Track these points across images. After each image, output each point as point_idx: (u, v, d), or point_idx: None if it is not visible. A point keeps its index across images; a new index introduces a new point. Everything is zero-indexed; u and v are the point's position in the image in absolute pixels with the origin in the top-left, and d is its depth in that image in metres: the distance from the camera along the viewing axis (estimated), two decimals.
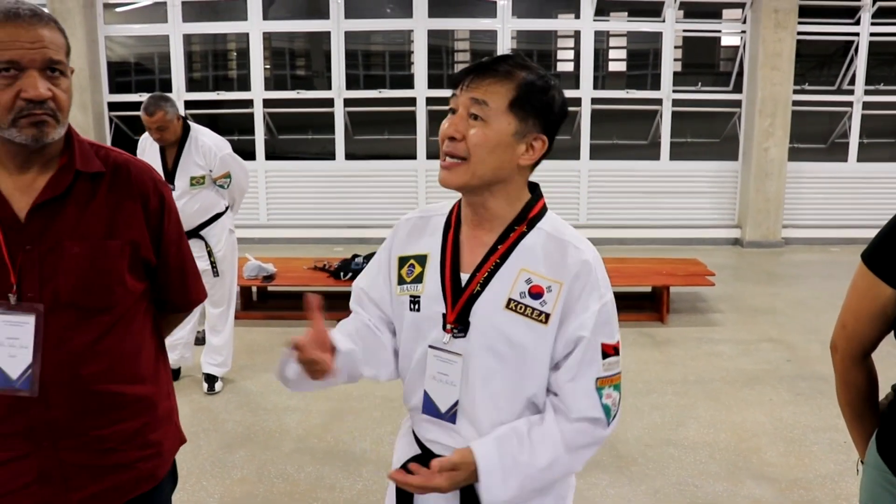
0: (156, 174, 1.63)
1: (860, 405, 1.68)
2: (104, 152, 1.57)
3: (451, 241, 1.55)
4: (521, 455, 1.45)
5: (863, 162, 9.02)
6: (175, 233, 1.66)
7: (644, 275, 6.16)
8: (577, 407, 1.47)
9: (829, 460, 3.66)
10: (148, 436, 1.62)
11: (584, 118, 8.95)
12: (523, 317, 1.47)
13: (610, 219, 9.09)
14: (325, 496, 3.36)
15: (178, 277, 1.71)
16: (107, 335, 1.52)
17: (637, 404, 4.31)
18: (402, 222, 1.65)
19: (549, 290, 1.47)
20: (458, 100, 1.46)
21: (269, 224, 9.16)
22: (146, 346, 1.64)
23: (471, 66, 1.48)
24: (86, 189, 1.51)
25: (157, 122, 4.16)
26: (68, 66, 1.46)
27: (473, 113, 1.43)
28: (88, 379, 1.50)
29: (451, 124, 1.45)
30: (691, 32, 9.24)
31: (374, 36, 9.86)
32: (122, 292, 1.53)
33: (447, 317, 1.51)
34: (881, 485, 1.58)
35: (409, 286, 1.57)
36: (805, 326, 5.75)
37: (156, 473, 1.66)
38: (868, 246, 1.58)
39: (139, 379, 1.61)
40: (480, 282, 1.49)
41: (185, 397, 4.42)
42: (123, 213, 1.53)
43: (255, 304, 6.27)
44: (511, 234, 1.51)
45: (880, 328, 1.57)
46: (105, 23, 8.94)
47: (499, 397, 1.50)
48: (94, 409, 1.53)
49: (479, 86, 1.44)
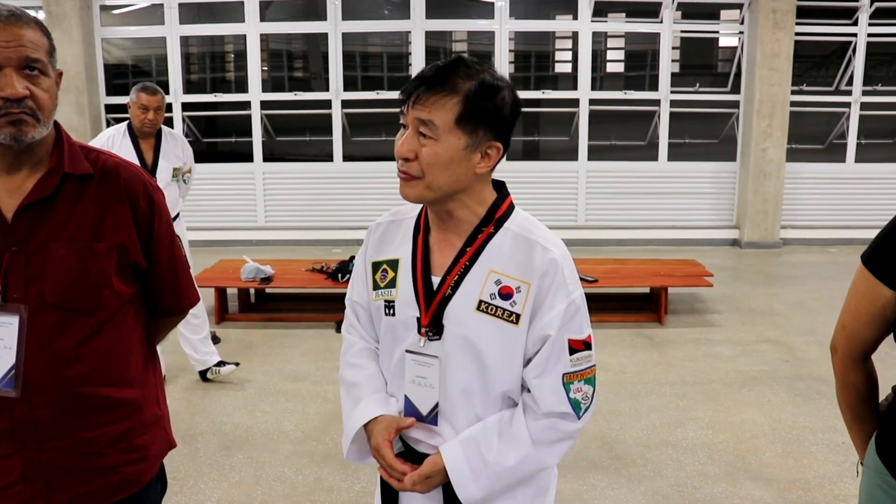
0: (146, 177, 1.62)
1: (860, 406, 1.68)
2: (94, 154, 1.57)
3: (420, 244, 1.56)
4: (488, 454, 1.49)
5: (861, 162, 9.03)
6: (166, 236, 1.65)
7: (642, 276, 6.16)
8: (545, 402, 1.49)
9: (828, 461, 3.65)
10: (133, 440, 1.61)
11: (582, 119, 8.95)
12: (494, 318, 1.48)
13: (608, 220, 9.09)
14: (324, 499, 3.35)
15: (170, 281, 1.69)
16: (93, 337, 1.52)
17: (635, 405, 4.31)
18: (373, 227, 1.67)
19: (518, 291, 1.48)
20: (406, 116, 1.45)
21: (267, 226, 9.16)
22: (135, 350, 1.63)
23: (416, 78, 1.44)
24: (74, 191, 1.51)
25: (158, 102, 4.25)
26: (51, 66, 1.46)
27: (422, 132, 1.43)
28: (73, 381, 1.50)
29: (403, 143, 1.45)
30: (689, 33, 9.25)
31: (371, 37, 9.87)
32: (108, 295, 1.53)
33: (421, 320, 1.53)
34: (880, 487, 1.57)
35: (383, 291, 1.59)
36: (803, 327, 5.74)
37: (141, 478, 1.64)
38: (867, 247, 1.57)
39: (126, 383, 1.60)
40: (451, 284, 1.50)
41: (184, 400, 4.42)
42: (111, 215, 1.53)
43: (253, 306, 6.26)
44: (479, 236, 1.51)
45: (880, 330, 1.57)
46: (102, 25, 8.93)
47: (475, 397, 1.53)
48: (79, 411, 1.52)
49: (424, 104, 1.41)
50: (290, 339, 5.49)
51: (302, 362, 5.01)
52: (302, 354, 5.16)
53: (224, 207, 9.12)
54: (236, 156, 9.22)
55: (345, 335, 1.73)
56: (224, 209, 9.11)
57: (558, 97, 9.28)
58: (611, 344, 5.31)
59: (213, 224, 8.93)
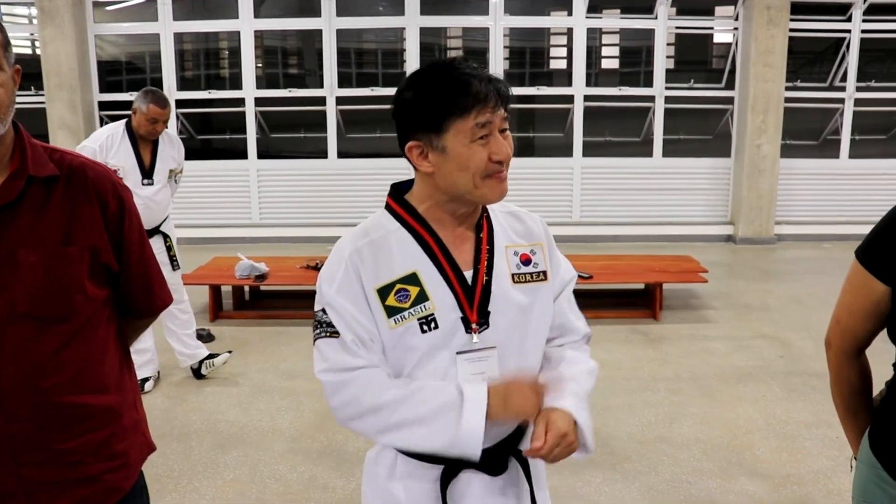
0: (115, 177, 1.56)
1: (854, 401, 1.68)
2: (59, 155, 1.50)
3: (436, 248, 1.52)
4: (585, 395, 1.59)
5: (854, 158, 9.05)
6: (137, 237, 1.59)
7: (637, 272, 6.16)
8: (579, 328, 1.70)
9: (822, 456, 3.66)
10: (114, 447, 1.56)
11: (576, 115, 8.95)
12: (529, 284, 1.58)
13: (603, 216, 9.10)
14: (318, 496, 3.34)
15: (141, 282, 1.64)
16: (68, 345, 1.46)
17: (630, 401, 4.31)
18: (352, 254, 1.49)
19: (534, 253, 1.62)
20: (494, 117, 1.49)
21: (262, 223, 9.14)
22: (110, 354, 1.58)
23: (487, 81, 1.46)
24: (40, 194, 1.44)
25: (167, 115, 4.27)
26: (6, 61, 1.38)
27: (503, 129, 1.50)
28: (50, 391, 1.44)
29: (505, 145, 1.50)
30: (684, 29, 9.25)
31: (366, 34, 9.85)
32: (82, 300, 1.47)
33: (469, 318, 1.51)
34: (874, 481, 1.57)
35: (412, 310, 1.47)
36: (798, 323, 5.75)
37: (123, 485, 1.60)
38: (862, 243, 1.58)
39: (104, 388, 1.55)
40: (486, 271, 1.54)
41: (178, 398, 4.41)
42: (81, 218, 1.46)
43: (248, 304, 6.25)
44: (483, 223, 1.59)
45: (874, 325, 1.57)
46: (95, 21, 8.89)
47: (529, 366, 1.59)
48: (58, 421, 1.47)
49: (504, 104, 1.51)
50: (284, 336, 5.48)
51: (297, 360, 5.00)
52: (297, 352, 5.15)
53: (218, 204, 9.10)
54: (231, 153, 9.20)
55: (348, 374, 1.48)
56: (218, 206, 9.09)
57: (553, 93, 9.28)
58: (606, 340, 5.32)
59: (207, 221, 8.92)
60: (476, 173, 1.45)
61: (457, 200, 1.51)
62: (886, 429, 1.57)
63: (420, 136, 1.46)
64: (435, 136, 1.44)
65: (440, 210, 1.53)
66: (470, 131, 1.42)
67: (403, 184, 1.59)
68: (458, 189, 1.47)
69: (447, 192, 1.49)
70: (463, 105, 1.41)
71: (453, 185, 1.47)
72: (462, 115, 1.42)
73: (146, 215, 4.43)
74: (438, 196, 1.51)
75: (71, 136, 8.48)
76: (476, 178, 1.45)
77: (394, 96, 1.50)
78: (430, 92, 1.44)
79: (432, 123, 1.44)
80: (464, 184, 1.46)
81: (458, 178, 1.46)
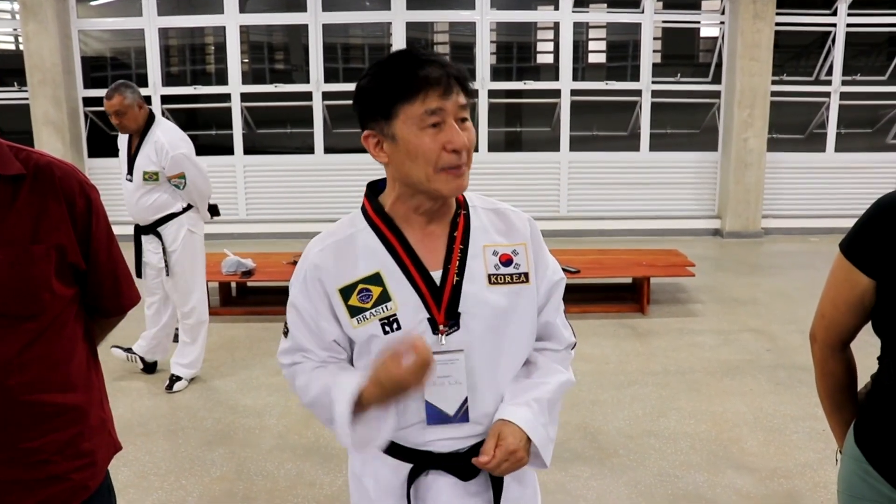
0: (81, 175, 1.55)
1: (839, 395, 1.68)
2: (24, 154, 1.48)
3: (399, 247, 1.49)
4: (548, 418, 1.53)
5: (840, 152, 9.10)
6: (104, 236, 1.58)
7: (624, 266, 6.17)
8: (564, 338, 1.63)
9: (809, 449, 3.68)
10: (81, 445, 1.56)
11: (563, 110, 8.95)
12: (507, 285, 1.52)
13: (590, 210, 9.11)
14: (305, 493, 3.33)
15: (109, 281, 1.62)
16: (35, 343, 1.45)
17: (618, 396, 4.32)
18: (315, 255, 1.51)
19: (516, 254, 1.54)
20: (447, 104, 1.42)
21: (248, 219, 9.10)
22: (77, 352, 1.57)
23: (439, 65, 1.42)
24: (6, 193, 1.43)
25: (115, 107, 4.16)
26: None
27: (462, 118, 1.44)
28: (16, 390, 1.43)
29: (462, 134, 1.42)
30: (670, 23, 9.26)
31: (352, 29, 9.81)
32: (49, 299, 1.46)
33: (436, 318, 1.47)
34: (859, 475, 1.58)
35: (374, 311, 1.46)
36: (785, 316, 5.78)
37: (89, 484, 1.59)
38: (846, 236, 1.57)
39: (70, 387, 1.54)
40: (457, 271, 1.48)
41: (164, 395, 4.38)
42: (48, 216, 1.45)
43: (234, 300, 6.22)
44: (459, 220, 1.53)
45: (858, 318, 1.57)
46: (78, 16, 8.82)
47: (503, 372, 1.53)
48: (23, 420, 1.46)
49: (462, 90, 1.46)
50: (271, 332, 5.46)
51: None
52: None
53: None
54: (217, 148, 9.14)
55: (295, 371, 1.58)
56: None
57: (540, 88, 9.27)
58: (593, 334, 5.32)
59: None
60: (428, 164, 1.39)
61: (419, 195, 1.46)
62: (871, 423, 1.57)
63: (373, 125, 1.43)
64: (385, 124, 1.41)
65: (405, 206, 1.49)
66: (419, 118, 1.37)
67: (382, 181, 1.56)
68: (412, 181, 1.43)
69: (406, 184, 1.45)
70: (409, 88, 1.36)
71: (407, 176, 1.43)
72: (409, 100, 1.37)
73: (132, 211, 4.40)
74: (401, 190, 1.48)
75: (55, 132, 8.41)
76: (429, 170, 1.40)
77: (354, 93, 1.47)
78: (381, 77, 1.41)
79: (382, 109, 1.40)
80: (416, 175, 1.41)
81: (411, 168, 1.41)
